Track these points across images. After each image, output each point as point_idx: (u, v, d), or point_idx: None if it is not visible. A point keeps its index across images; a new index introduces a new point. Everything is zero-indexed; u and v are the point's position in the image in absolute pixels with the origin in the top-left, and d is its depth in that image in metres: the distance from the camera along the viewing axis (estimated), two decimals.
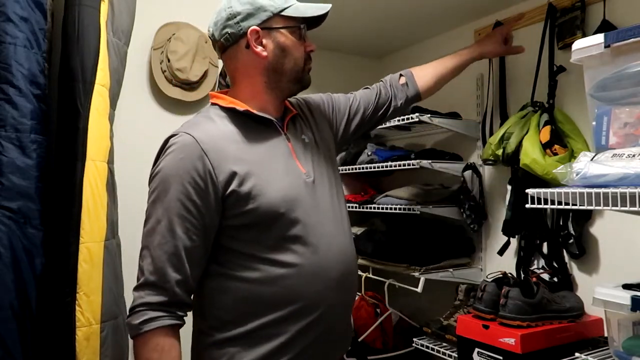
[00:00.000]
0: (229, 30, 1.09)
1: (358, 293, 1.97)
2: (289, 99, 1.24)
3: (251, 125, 1.10)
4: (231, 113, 1.10)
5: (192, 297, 1.05)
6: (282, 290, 1.03)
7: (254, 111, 1.10)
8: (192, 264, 1.01)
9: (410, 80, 1.42)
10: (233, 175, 1.01)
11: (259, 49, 1.08)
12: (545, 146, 1.41)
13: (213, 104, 1.14)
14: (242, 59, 1.11)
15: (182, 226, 0.99)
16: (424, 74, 1.44)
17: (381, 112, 1.38)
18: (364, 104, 1.36)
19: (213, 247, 1.05)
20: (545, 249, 1.55)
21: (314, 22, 1.16)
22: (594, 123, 0.99)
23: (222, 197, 1.01)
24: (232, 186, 1.01)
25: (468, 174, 1.74)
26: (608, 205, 0.89)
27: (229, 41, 1.10)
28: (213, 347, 1.04)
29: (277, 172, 1.07)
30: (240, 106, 1.09)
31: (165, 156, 1.02)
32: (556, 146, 1.40)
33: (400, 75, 1.43)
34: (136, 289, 1.00)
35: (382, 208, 1.87)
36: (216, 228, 1.03)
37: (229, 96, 1.14)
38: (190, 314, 1.07)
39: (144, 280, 0.99)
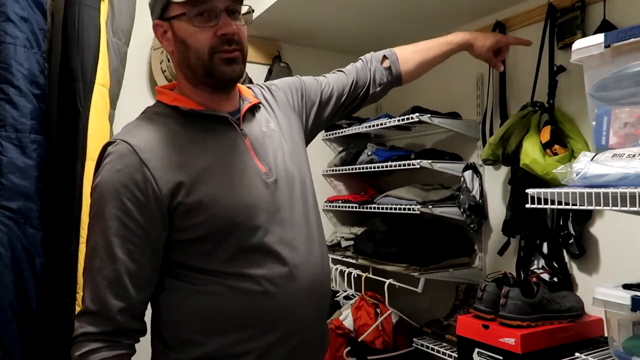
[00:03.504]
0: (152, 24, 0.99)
1: (358, 293, 1.97)
2: (250, 87, 1.13)
3: (199, 124, 0.97)
4: (176, 111, 0.97)
5: (143, 322, 0.95)
6: (247, 305, 0.93)
7: (200, 108, 0.97)
8: (138, 287, 0.90)
9: (394, 64, 1.28)
10: (179, 185, 0.90)
11: (165, 44, 0.97)
12: (545, 146, 1.41)
13: (158, 100, 1.02)
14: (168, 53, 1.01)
15: (123, 247, 0.88)
16: (408, 59, 1.31)
17: (358, 99, 1.26)
18: (337, 90, 1.23)
19: (166, 262, 0.94)
20: (545, 249, 1.55)
21: None
22: (594, 123, 0.99)
23: (167, 210, 0.90)
24: (179, 197, 0.90)
25: (468, 174, 1.74)
26: (608, 205, 0.89)
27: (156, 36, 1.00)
28: None
29: (231, 175, 0.95)
30: (185, 104, 0.97)
31: (103, 167, 0.91)
32: (556, 146, 1.40)
33: (384, 57, 1.29)
34: (77, 317, 0.91)
35: (382, 208, 1.87)
36: (164, 244, 0.93)
37: (177, 90, 1.02)
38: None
39: (84, 308, 0.90)
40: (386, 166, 1.86)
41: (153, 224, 0.90)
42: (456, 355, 1.49)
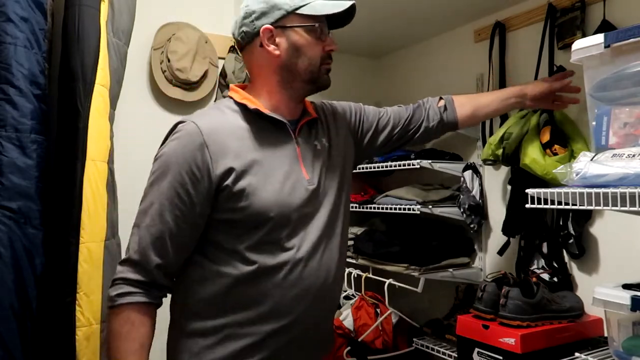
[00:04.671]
0: (244, 28, 1.09)
1: (357, 293, 1.97)
2: (314, 102, 1.24)
3: (261, 124, 1.09)
4: (243, 108, 1.10)
5: (172, 281, 1.08)
6: (255, 291, 1.03)
7: (265, 110, 1.09)
8: (175, 250, 1.03)
9: (449, 104, 1.37)
10: (229, 170, 1.01)
11: (272, 47, 1.08)
12: (545, 146, 1.41)
13: (229, 97, 1.14)
14: (256, 58, 1.11)
15: (172, 213, 1.00)
16: (463, 102, 1.38)
17: (411, 131, 1.34)
18: (394, 119, 1.33)
19: (201, 236, 1.06)
20: (545, 249, 1.55)
21: (337, 21, 1.13)
22: (594, 123, 0.99)
23: (215, 190, 1.01)
24: (227, 181, 1.01)
25: (468, 174, 1.74)
26: (608, 205, 0.89)
27: (244, 40, 1.11)
28: (184, 337, 1.06)
29: (276, 174, 1.05)
30: (252, 103, 1.09)
31: (170, 141, 1.04)
32: (556, 146, 1.40)
33: (440, 98, 1.39)
34: (120, 263, 1.04)
35: (382, 208, 1.87)
36: (206, 219, 1.04)
37: (248, 90, 1.14)
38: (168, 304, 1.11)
39: (127, 257, 1.02)
40: (386, 166, 1.86)
41: (201, 199, 1.01)
42: (456, 355, 1.49)
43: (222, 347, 1.03)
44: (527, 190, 1.07)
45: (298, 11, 1.06)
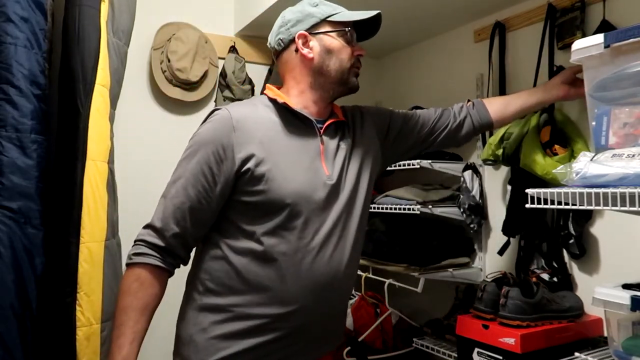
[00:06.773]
0: (280, 36, 1.20)
1: (357, 293, 1.97)
2: (343, 106, 1.30)
3: (290, 120, 1.17)
4: (274, 104, 1.18)
5: (188, 254, 1.14)
6: (263, 275, 1.09)
7: (293, 106, 1.16)
8: (194, 223, 1.10)
9: (478, 103, 1.39)
10: (250, 156, 1.09)
11: (306, 51, 1.17)
12: (545, 146, 1.41)
13: (264, 94, 1.23)
14: (291, 62, 1.20)
15: (195, 188, 1.09)
16: (491, 100, 1.40)
17: (439, 131, 1.36)
18: (422, 121, 1.36)
19: (219, 216, 1.13)
20: (545, 249, 1.55)
21: (366, 31, 1.24)
22: (593, 123, 1.00)
23: (236, 172, 1.09)
24: (248, 165, 1.08)
25: (468, 174, 1.74)
26: (608, 205, 0.89)
27: (280, 46, 1.20)
28: (196, 310, 1.12)
29: (297, 166, 1.12)
30: (281, 99, 1.17)
31: (206, 124, 1.14)
32: (556, 146, 1.41)
33: (469, 100, 1.42)
34: (144, 227, 1.11)
35: (382, 208, 1.87)
36: (226, 198, 1.11)
37: (280, 91, 1.22)
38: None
39: (151, 222, 1.10)
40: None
41: (222, 179, 1.09)
42: (456, 355, 1.49)
43: (229, 325, 1.09)
44: (527, 190, 1.07)
45: (329, 19, 1.17)
